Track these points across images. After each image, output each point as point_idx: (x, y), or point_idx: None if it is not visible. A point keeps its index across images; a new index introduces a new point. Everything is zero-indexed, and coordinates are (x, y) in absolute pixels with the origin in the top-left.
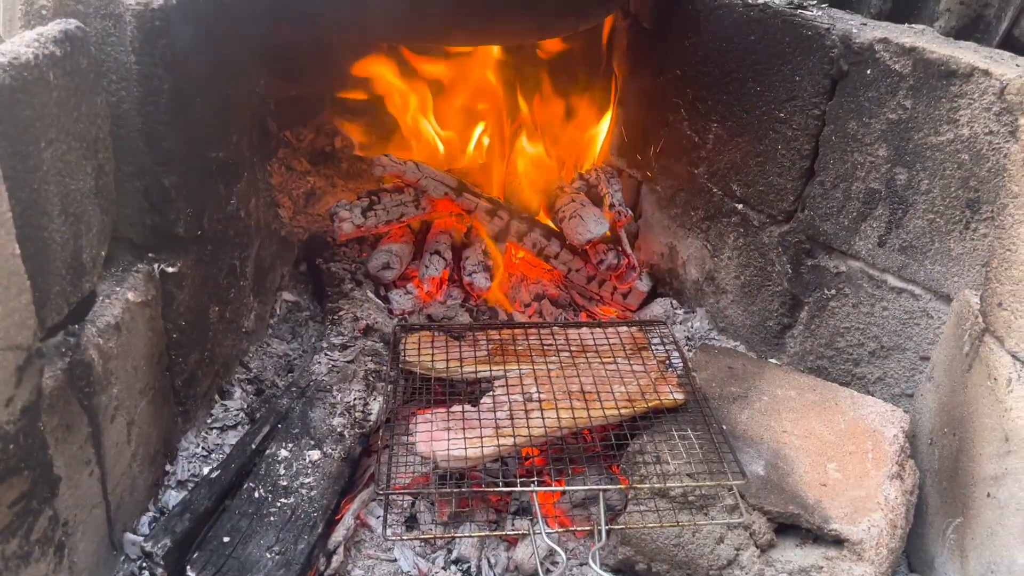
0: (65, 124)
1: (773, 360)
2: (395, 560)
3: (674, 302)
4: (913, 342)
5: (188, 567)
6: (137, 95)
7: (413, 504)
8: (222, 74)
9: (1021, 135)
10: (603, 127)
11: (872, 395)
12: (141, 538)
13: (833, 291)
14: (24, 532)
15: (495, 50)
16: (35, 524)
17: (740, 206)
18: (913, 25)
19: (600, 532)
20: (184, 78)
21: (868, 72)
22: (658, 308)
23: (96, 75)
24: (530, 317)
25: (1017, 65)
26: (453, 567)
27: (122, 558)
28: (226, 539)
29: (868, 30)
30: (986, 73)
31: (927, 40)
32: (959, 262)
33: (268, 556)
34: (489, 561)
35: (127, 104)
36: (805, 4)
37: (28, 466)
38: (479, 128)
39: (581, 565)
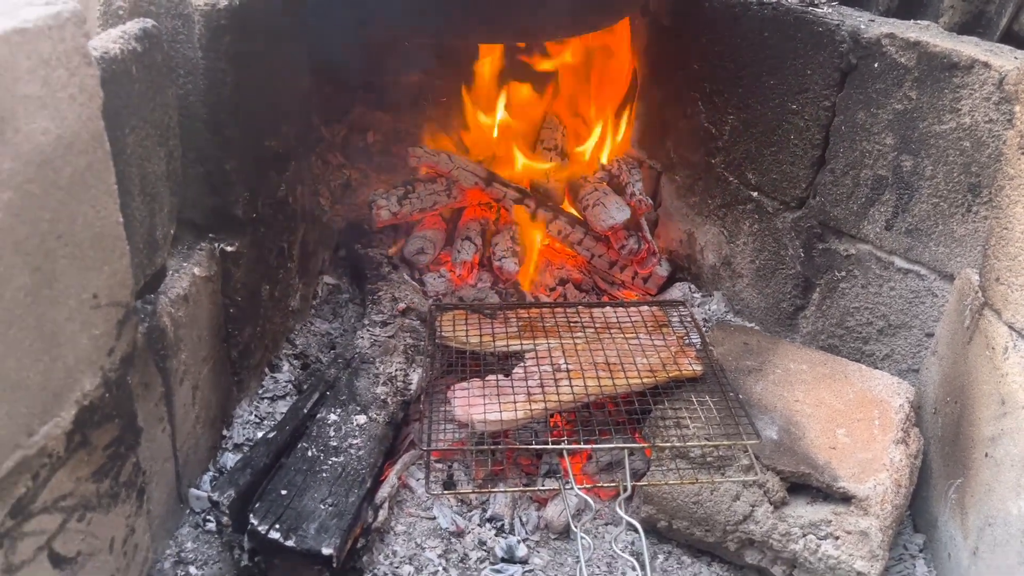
0: (144, 113)
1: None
2: (434, 518)
3: (692, 286)
4: (919, 320)
5: (251, 515)
6: (203, 87)
7: (450, 467)
8: (275, 70)
9: (1017, 121)
10: (624, 120)
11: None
12: (205, 492)
13: (843, 273)
14: (115, 474)
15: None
16: (123, 468)
17: (755, 194)
18: (918, 21)
19: (625, 487)
20: (244, 72)
21: (876, 65)
22: (677, 292)
23: (168, 69)
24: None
25: (1016, 58)
26: (488, 524)
27: (187, 511)
28: (283, 492)
29: (875, 26)
30: (986, 65)
31: (931, 35)
32: (962, 243)
33: (322, 507)
34: (521, 519)
35: (193, 96)
36: (816, 1)
37: (119, 414)
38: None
39: (607, 524)
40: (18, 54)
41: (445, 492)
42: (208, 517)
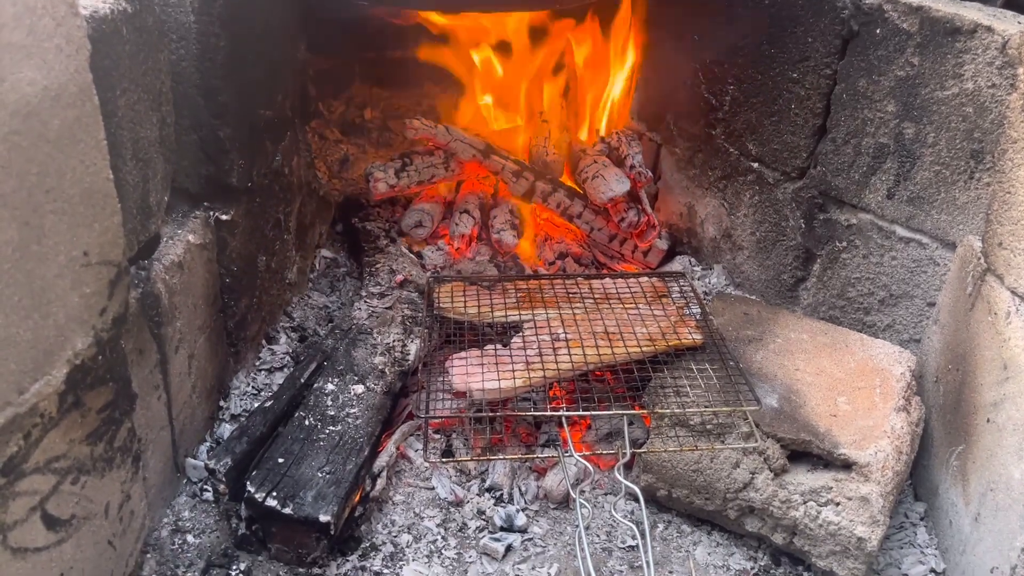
0: (135, 76)
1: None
2: (433, 488)
3: (692, 259)
4: (920, 289)
5: (248, 483)
6: (196, 52)
7: (449, 437)
8: (269, 38)
9: (1020, 84)
10: (624, 92)
11: None
12: (202, 461)
13: (844, 243)
14: (109, 438)
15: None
16: (117, 433)
17: (755, 165)
18: None
19: (625, 453)
20: (237, 38)
21: (877, 31)
22: (677, 265)
23: (160, 33)
24: None
25: (1019, 22)
26: (487, 494)
27: (184, 481)
28: (280, 460)
29: None
30: (989, 29)
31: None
32: (964, 211)
33: (319, 475)
34: (520, 489)
35: (186, 61)
36: None
37: (113, 378)
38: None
39: (606, 494)
40: (3, 1)
41: (444, 460)
42: (205, 486)
